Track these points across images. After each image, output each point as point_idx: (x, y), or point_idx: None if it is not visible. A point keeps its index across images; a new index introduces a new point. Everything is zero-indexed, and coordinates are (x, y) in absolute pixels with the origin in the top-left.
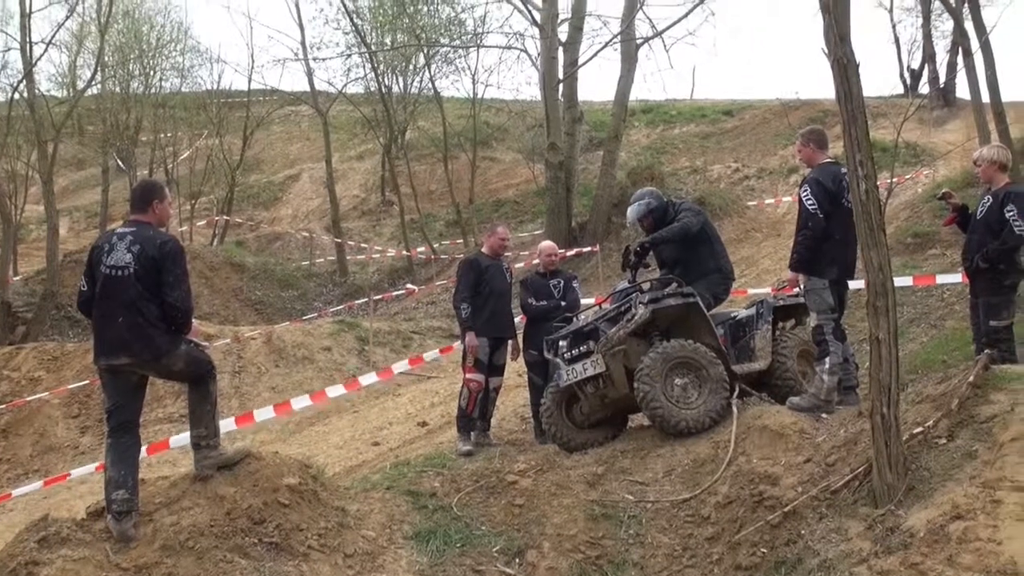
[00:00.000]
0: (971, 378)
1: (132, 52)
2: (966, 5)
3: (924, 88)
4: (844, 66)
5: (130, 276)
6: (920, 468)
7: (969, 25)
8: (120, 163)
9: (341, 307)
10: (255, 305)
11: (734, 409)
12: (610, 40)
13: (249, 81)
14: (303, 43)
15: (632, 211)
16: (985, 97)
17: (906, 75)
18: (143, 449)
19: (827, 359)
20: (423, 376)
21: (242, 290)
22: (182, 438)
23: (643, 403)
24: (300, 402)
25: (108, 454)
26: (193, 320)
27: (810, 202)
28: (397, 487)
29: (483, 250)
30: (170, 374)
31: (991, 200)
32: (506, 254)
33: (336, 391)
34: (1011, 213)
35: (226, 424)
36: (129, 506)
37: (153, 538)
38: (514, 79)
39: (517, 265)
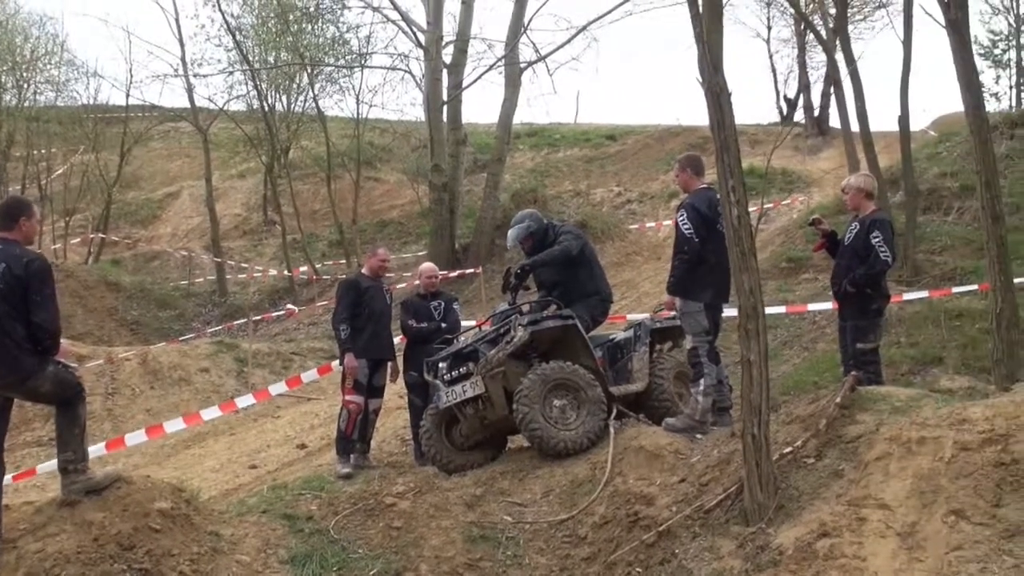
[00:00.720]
0: (839, 399)
1: (4, 64)
2: (837, 38)
3: (799, 116)
4: (717, 95)
5: None
6: (790, 487)
7: (840, 57)
8: None
9: (220, 328)
10: (131, 325)
11: (611, 430)
12: (494, 63)
13: (127, 96)
14: (183, 59)
15: (512, 233)
16: (855, 126)
17: (782, 104)
18: (8, 475)
19: (702, 381)
20: (303, 398)
21: (117, 310)
22: (50, 464)
23: (522, 425)
24: (174, 425)
25: None
26: (64, 340)
27: (686, 226)
28: (273, 511)
29: (363, 271)
30: (37, 396)
31: (858, 227)
32: (387, 275)
33: (211, 413)
34: (877, 239)
35: (97, 449)
36: None
37: (17, 566)
38: (399, 100)
39: (399, 286)
